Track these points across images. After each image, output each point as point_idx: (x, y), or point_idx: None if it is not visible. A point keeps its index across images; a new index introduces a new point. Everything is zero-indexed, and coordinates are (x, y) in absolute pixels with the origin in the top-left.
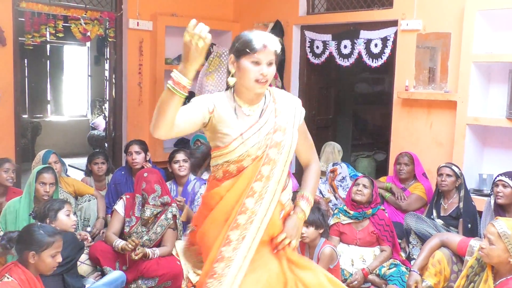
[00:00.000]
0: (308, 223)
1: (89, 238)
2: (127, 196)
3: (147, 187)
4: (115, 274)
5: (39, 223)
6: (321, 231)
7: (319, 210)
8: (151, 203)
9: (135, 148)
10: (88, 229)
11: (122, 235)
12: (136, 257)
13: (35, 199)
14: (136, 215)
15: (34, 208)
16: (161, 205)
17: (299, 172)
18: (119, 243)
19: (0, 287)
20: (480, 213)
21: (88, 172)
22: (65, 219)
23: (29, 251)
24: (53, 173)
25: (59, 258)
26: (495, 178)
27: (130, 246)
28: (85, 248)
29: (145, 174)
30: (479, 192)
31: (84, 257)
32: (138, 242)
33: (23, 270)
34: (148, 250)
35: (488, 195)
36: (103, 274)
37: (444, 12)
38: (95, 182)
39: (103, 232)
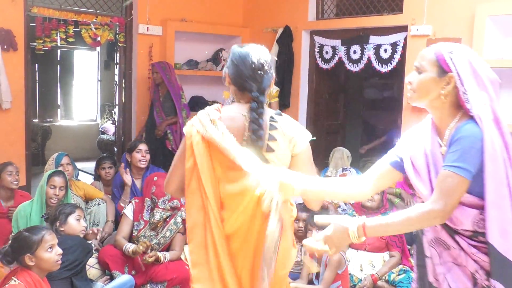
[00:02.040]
0: (319, 227)
1: (101, 230)
2: (136, 200)
3: (157, 191)
4: (123, 278)
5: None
6: None
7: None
8: (161, 207)
9: (144, 147)
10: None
11: (130, 239)
12: (150, 260)
13: (46, 202)
14: (145, 218)
15: (47, 210)
16: (171, 209)
17: None
18: (130, 246)
19: None
20: None
21: (97, 176)
22: (74, 223)
23: (24, 255)
24: (64, 177)
25: (58, 250)
26: None
27: (141, 248)
28: (93, 251)
29: (155, 178)
30: None
31: (93, 261)
32: (150, 244)
33: (29, 273)
34: (159, 254)
35: None
36: (112, 278)
37: (454, 18)
38: (104, 187)
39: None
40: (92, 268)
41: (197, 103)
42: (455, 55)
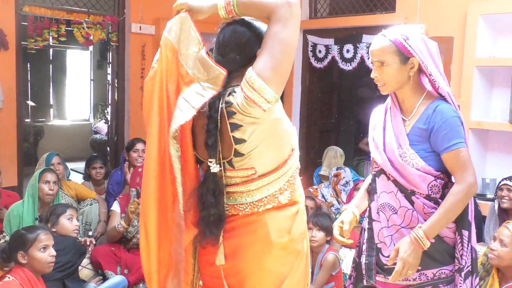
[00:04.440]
0: (320, 227)
1: (94, 241)
2: (120, 196)
3: (141, 182)
4: (116, 279)
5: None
6: (329, 238)
7: (329, 217)
8: None
9: (142, 146)
10: (90, 233)
11: (121, 239)
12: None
13: (40, 200)
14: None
15: (39, 212)
16: None
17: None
18: (121, 221)
19: (2, 286)
20: (484, 217)
21: (87, 176)
22: (66, 223)
23: (17, 252)
24: (54, 173)
25: (52, 252)
26: (500, 182)
27: (132, 207)
28: (87, 253)
29: (140, 170)
30: (482, 196)
31: (85, 261)
32: (139, 202)
33: (23, 270)
34: None
35: (492, 200)
36: (104, 278)
37: (447, 17)
38: (94, 187)
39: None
40: (84, 268)
41: None
42: (411, 39)
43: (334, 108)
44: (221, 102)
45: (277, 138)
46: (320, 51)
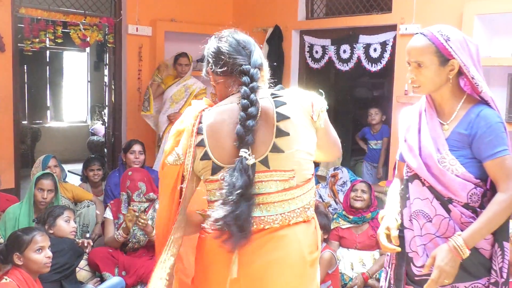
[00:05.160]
0: (322, 227)
1: (91, 243)
2: (111, 202)
3: (131, 185)
4: (114, 280)
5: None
6: (326, 236)
7: (327, 216)
8: (136, 200)
9: (138, 147)
10: (87, 235)
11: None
12: (144, 219)
13: (35, 205)
14: (123, 212)
15: (35, 214)
16: (147, 200)
17: None
18: (120, 229)
19: None
20: None
21: (84, 178)
22: (64, 225)
23: (13, 253)
24: (53, 179)
25: (48, 253)
26: None
27: (129, 216)
28: (84, 254)
29: (130, 173)
30: None
31: (83, 263)
32: (135, 210)
33: (20, 271)
34: (149, 223)
35: None
36: (102, 280)
37: (443, 17)
38: (92, 188)
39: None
40: (82, 270)
41: None
42: (452, 40)
43: (331, 109)
44: (252, 95)
45: (313, 144)
46: (316, 52)
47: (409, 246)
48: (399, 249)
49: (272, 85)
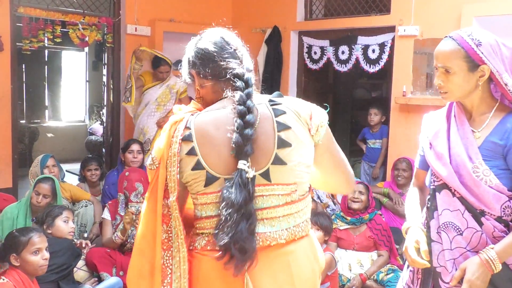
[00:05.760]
0: (319, 226)
1: (90, 244)
2: (109, 202)
3: (128, 186)
4: (112, 281)
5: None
6: (327, 238)
7: (329, 217)
8: (134, 201)
9: (137, 147)
10: (85, 235)
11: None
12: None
13: (33, 205)
14: (121, 213)
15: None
16: None
17: None
18: (117, 231)
19: None
20: None
21: (82, 178)
22: (62, 225)
23: (10, 254)
24: (52, 185)
25: (45, 255)
26: None
27: (127, 218)
28: (82, 254)
29: (127, 173)
30: None
31: (80, 263)
32: (133, 212)
33: (17, 272)
34: None
35: None
36: (99, 280)
37: (441, 18)
38: (90, 188)
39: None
40: (79, 270)
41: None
42: (484, 44)
43: (330, 110)
44: (249, 101)
45: (311, 157)
46: (315, 53)
47: (437, 261)
48: (429, 264)
49: (264, 91)
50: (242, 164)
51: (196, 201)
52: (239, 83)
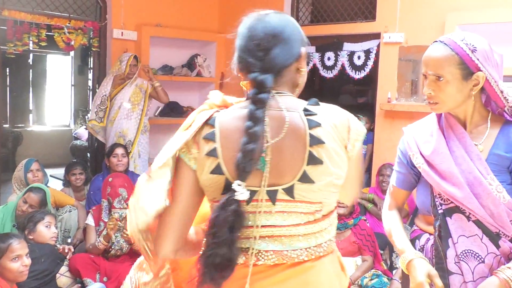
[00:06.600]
0: None
1: (72, 249)
2: (93, 208)
3: (111, 192)
4: (95, 287)
5: None
6: None
7: None
8: (117, 207)
9: (121, 151)
10: (69, 240)
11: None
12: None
13: (16, 211)
14: (104, 220)
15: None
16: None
17: None
18: (99, 239)
19: None
20: None
21: (67, 183)
22: (44, 230)
23: None
24: (42, 197)
25: (25, 262)
26: None
27: (111, 224)
28: (65, 260)
29: (110, 179)
30: None
31: (63, 268)
32: (118, 218)
33: None
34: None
35: None
36: (83, 286)
37: (426, 26)
38: (74, 193)
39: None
40: (62, 276)
41: (172, 109)
42: (479, 50)
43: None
44: (259, 111)
45: (343, 175)
46: None
47: None
48: None
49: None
50: (236, 185)
51: (213, 207)
52: (253, 90)
